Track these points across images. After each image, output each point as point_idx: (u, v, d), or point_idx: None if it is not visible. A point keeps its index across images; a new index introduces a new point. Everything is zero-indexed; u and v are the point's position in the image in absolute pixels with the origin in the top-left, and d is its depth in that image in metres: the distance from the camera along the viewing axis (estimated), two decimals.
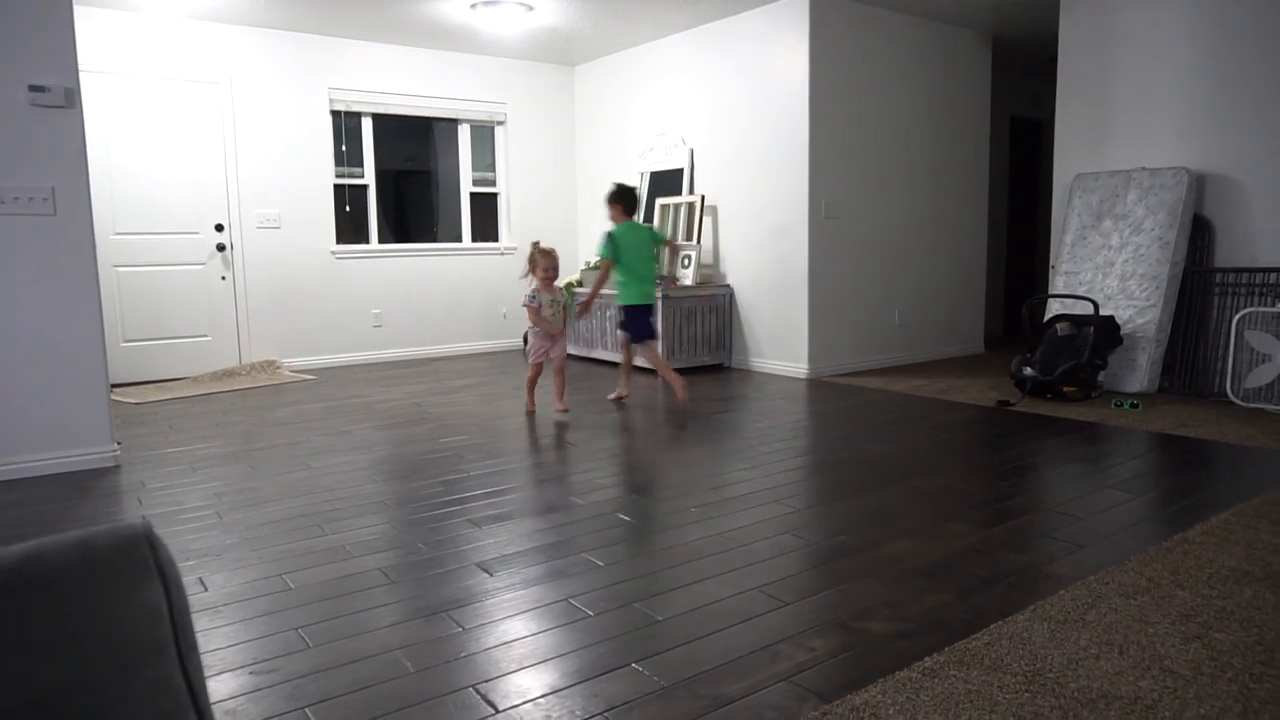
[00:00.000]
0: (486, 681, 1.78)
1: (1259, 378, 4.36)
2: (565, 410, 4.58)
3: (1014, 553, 2.46)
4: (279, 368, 6.20)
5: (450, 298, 7.09)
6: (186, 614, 0.79)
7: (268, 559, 2.51)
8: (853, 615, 2.06)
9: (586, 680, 1.78)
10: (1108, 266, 5.01)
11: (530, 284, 4.60)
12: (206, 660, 1.88)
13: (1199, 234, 4.82)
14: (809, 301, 5.56)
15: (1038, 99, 7.75)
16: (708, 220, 6.24)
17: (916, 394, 4.97)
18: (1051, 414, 4.36)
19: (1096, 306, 4.81)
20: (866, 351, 5.92)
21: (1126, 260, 4.94)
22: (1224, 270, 4.70)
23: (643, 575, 2.34)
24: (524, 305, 4.56)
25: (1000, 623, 1.99)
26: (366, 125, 6.62)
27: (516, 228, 7.39)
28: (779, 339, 5.79)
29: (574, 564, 2.43)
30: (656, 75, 6.62)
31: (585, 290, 6.56)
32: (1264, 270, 4.53)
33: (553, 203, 7.58)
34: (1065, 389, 4.60)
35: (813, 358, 5.62)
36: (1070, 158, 5.44)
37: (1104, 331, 4.65)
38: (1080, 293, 5.05)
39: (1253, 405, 4.36)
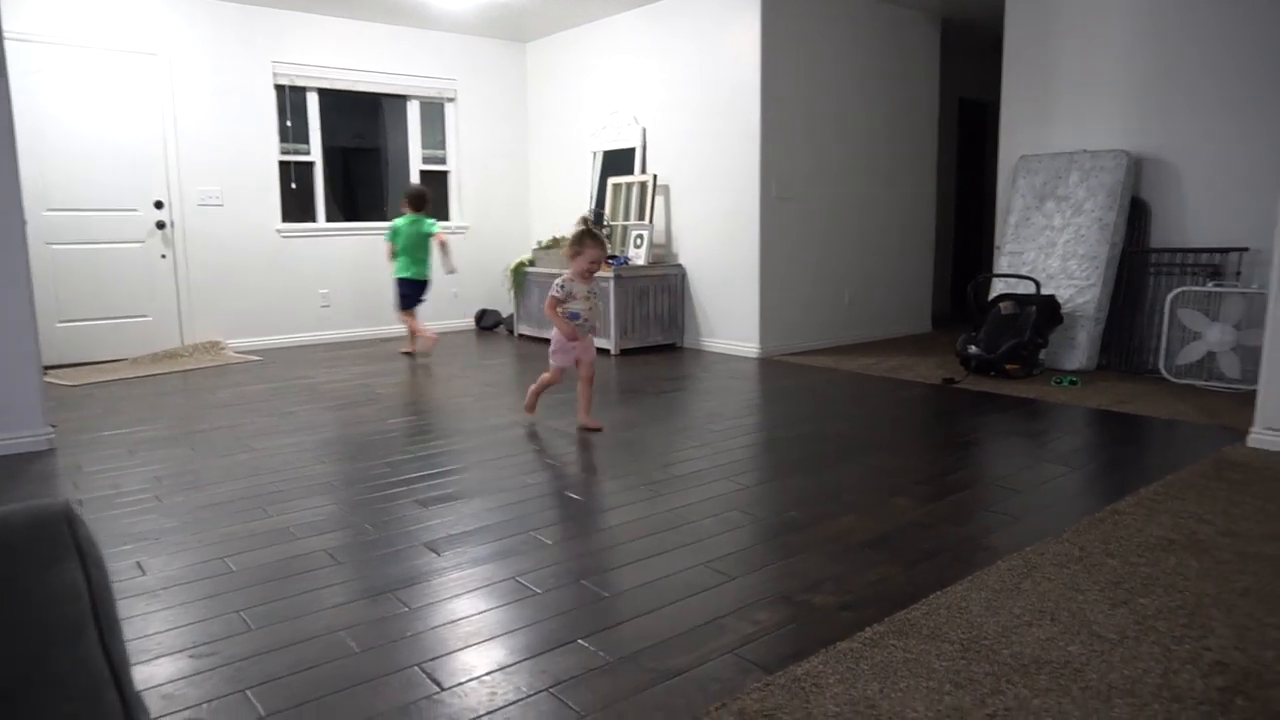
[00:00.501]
0: (432, 660, 1.78)
1: (1189, 355, 4.50)
2: (597, 428, 3.74)
3: (955, 526, 2.52)
4: (223, 349, 6.07)
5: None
6: (108, 592, 0.77)
7: (209, 542, 2.46)
8: (798, 589, 2.10)
9: (533, 657, 1.79)
10: (1050, 247, 5.13)
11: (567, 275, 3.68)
12: (143, 645, 1.85)
13: (1136, 215, 4.95)
14: (760, 281, 5.60)
15: (985, 81, 7.85)
16: (660, 200, 6.23)
17: (866, 373, 5.04)
18: (995, 391, 4.46)
19: (1038, 286, 4.92)
20: (817, 331, 5.98)
21: (1068, 241, 5.05)
22: (1159, 251, 4.84)
23: (591, 553, 2.35)
24: (550, 296, 3.62)
25: (939, 593, 2.04)
26: (312, 100, 6.47)
27: (468, 207, 7.30)
28: (731, 319, 5.82)
29: (522, 542, 2.43)
30: (609, 53, 6.58)
31: (537, 270, 6.52)
32: (1195, 250, 4.67)
33: (504, 181, 7.51)
34: (1008, 367, 4.71)
35: (764, 337, 5.66)
36: (1015, 140, 5.53)
37: (1045, 310, 4.76)
38: (1024, 272, 5.16)
39: (1184, 381, 4.50)
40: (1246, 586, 2.07)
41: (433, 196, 6.19)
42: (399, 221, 5.88)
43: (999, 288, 5.33)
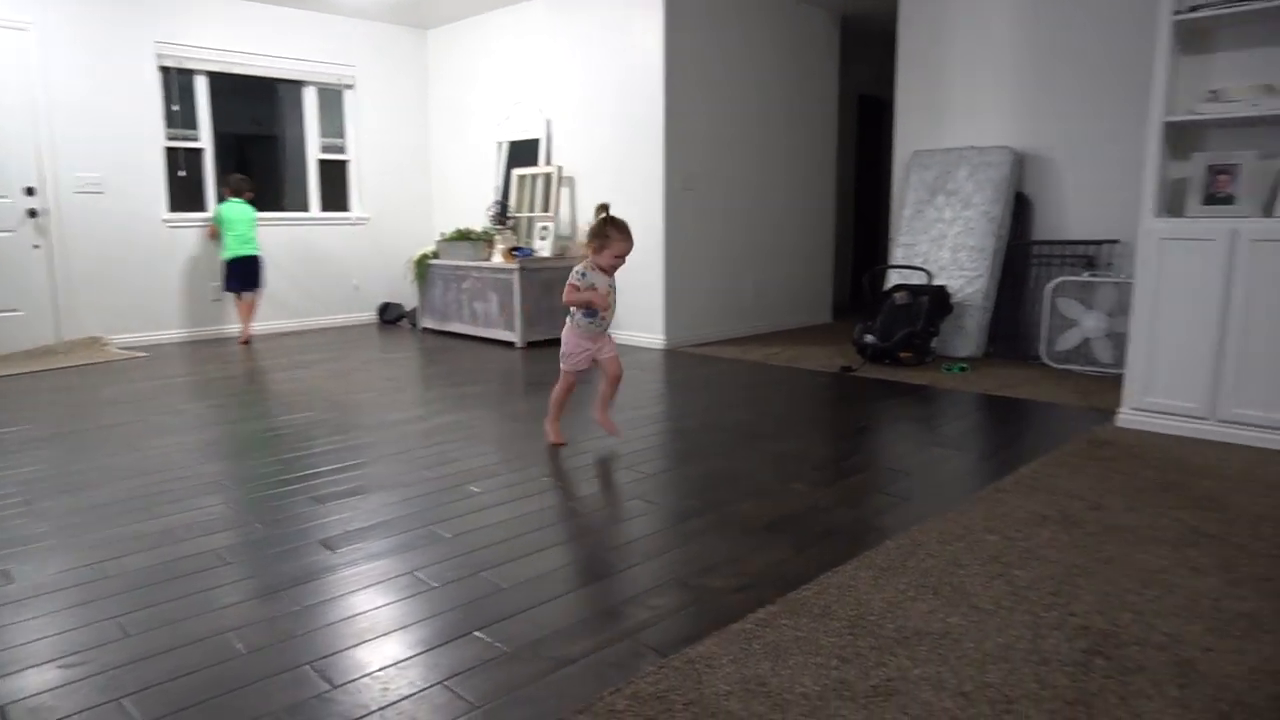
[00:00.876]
0: (324, 658, 1.74)
1: (1067, 341, 4.76)
2: (612, 432, 3.40)
3: (848, 508, 2.61)
4: (105, 345, 5.77)
5: (298, 270, 6.77)
6: None
7: (85, 546, 2.34)
8: (694, 573, 2.13)
9: (428, 650, 1.77)
10: (941, 239, 5.33)
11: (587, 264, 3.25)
12: (7, 658, 1.75)
13: (1020, 209, 5.19)
14: (665, 273, 5.64)
15: (883, 79, 8.09)
16: (565, 191, 6.21)
17: (768, 362, 5.15)
18: (889, 378, 4.61)
19: (930, 276, 5.11)
20: (722, 322, 6.07)
21: (958, 233, 5.26)
22: (1040, 243, 5.09)
23: (490, 545, 2.33)
24: (570, 284, 3.20)
25: (830, 573, 2.11)
26: (201, 84, 6.20)
27: (369, 197, 7.13)
28: (636, 310, 5.85)
29: (420, 537, 2.39)
30: (513, 42, 6.51)
31: (441, 261, 6.41)
32: (1072, 243, 4.93)
33: (407, 171, 7.35)
34: (902, 355, 4.88)
35: (669, 329, 5.72)
36: (908, 135, 5.72)
37: (937, 300, 4.96)
38: (917, 264, 5.35)
39: (1063, 366, 4.76)
40: (1110, 556, 2.20)
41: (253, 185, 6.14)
42: (223, 206, 6.00)
43: (894, 279, 5.51)
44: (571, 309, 3.26)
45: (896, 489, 2.79)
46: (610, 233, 3.21)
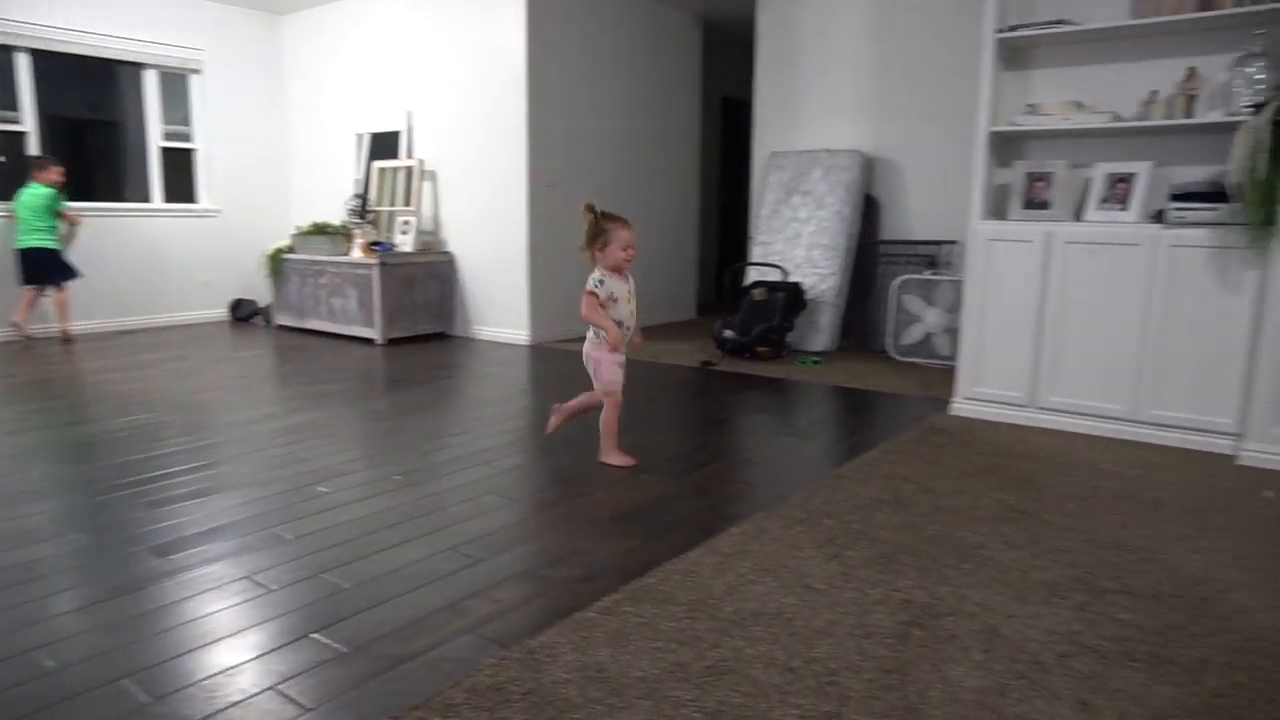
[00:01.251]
0: (145, 670, 1.66)
1: (911, 335, 5.04)
2: (553, 428, 3.22)
3: (697, 497, 2.68)
4: None
5: (139, 264, 6.36)
6: None
7: None
8: (542, 565, 2.15)
9: (260, 656, 1.71)
10: (796, 238, 5.54)
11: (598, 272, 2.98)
12: None
13: (869, 210, 5.46)
14: (529, 269, 5.63)
15: (744, 82, 8.33)
16: (427, 186, 6.09)
17: (631, 357, 5.20)
18: (747, 372, 4.76)
19: (786, 274, 5.30)
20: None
21: (812, 232, 5.48)
22: (887, 242, 5.37)
23: (333, 545, 2.27)
24: (590, 294, 2.92)
25: (675, 560, 2.16)
26: (23, 62, 5.73)
27: (219, 188, 6.77)
28: (502, 306, 5.81)
29: (260, 540, 2.31)
30: (372, 32, 6.32)
31: (297, 256, 6.17)
32: (916, 243, 5.23)
33: (260, 162, 7.03)
34: (759, 349, 5.05)
35: (535, 325, 5.71)
36: (766, 137, 5.92)
37: (792, 297, 5.15)
38: (774, 261, 5.54)
39: (907, 359, 5.04)
40: (935, 534, 2.36)
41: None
42: (21, 192, 5.55)
43: (754, 275, 5.69)
44: (600, 314, 2.90)
45: (745, 478, 2.89)
46: (607, 225, 2.93)
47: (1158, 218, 3.33)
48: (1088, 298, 3.42)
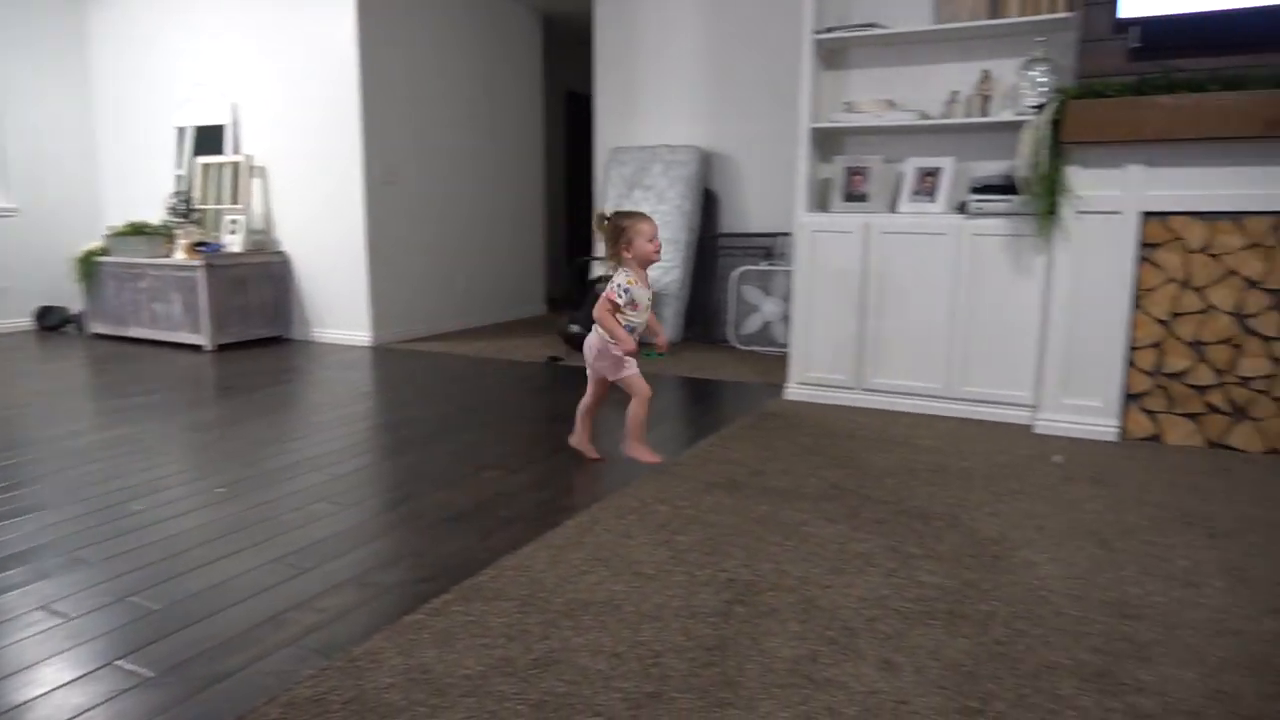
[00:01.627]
0: None
1: (751, 325, 5.23)
2: (599, 458, 3.03)
3: (536, 492, 2.69)
4: None
5: None
6: None
7: None
8: (371, 570, 2.10)
9: (54, 690, 1.59)
10: None
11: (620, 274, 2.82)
12: None
13: (708, 204, 5.61)
14: (369, 268, 5.46)
15: (587, 77, 8.37)
16: (256, 182, 5.80)
17: (477, 355, 5.16)
18: None
19: None
20: (433, 317, 5.99)
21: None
22: (726, 235, 5.54)
23: (144, 566, 2.14)
24: (609, 301, 2.80)
25: (510, 556, 2.17)
26: None
27: (17, 185, 6.19)
28: (341, 308, 5.61)
29: (57, 565, 2.14)
30: (192, 17, 5.94)
31: (112, 259, 5.74)
32: (753, 235, 5.42)
33: (67, 157, 6.47)
34: None
35: (377, 325, 5.54)
36: (608, 132, 5.97)
37: None
38: None
39: (748, 348, 5.22)
40: (762, 515, 2.47)
41: None
42: None
43: (600, 270, 5.74)
44: (616, 320, 2.80)
45: (585, 470, 2.93)
46: (627, 223, 2.78)
47: (961, 209, 3.60)
48: (903, 285, 3.65)
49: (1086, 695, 1.57)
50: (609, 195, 5.79)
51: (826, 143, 4.06)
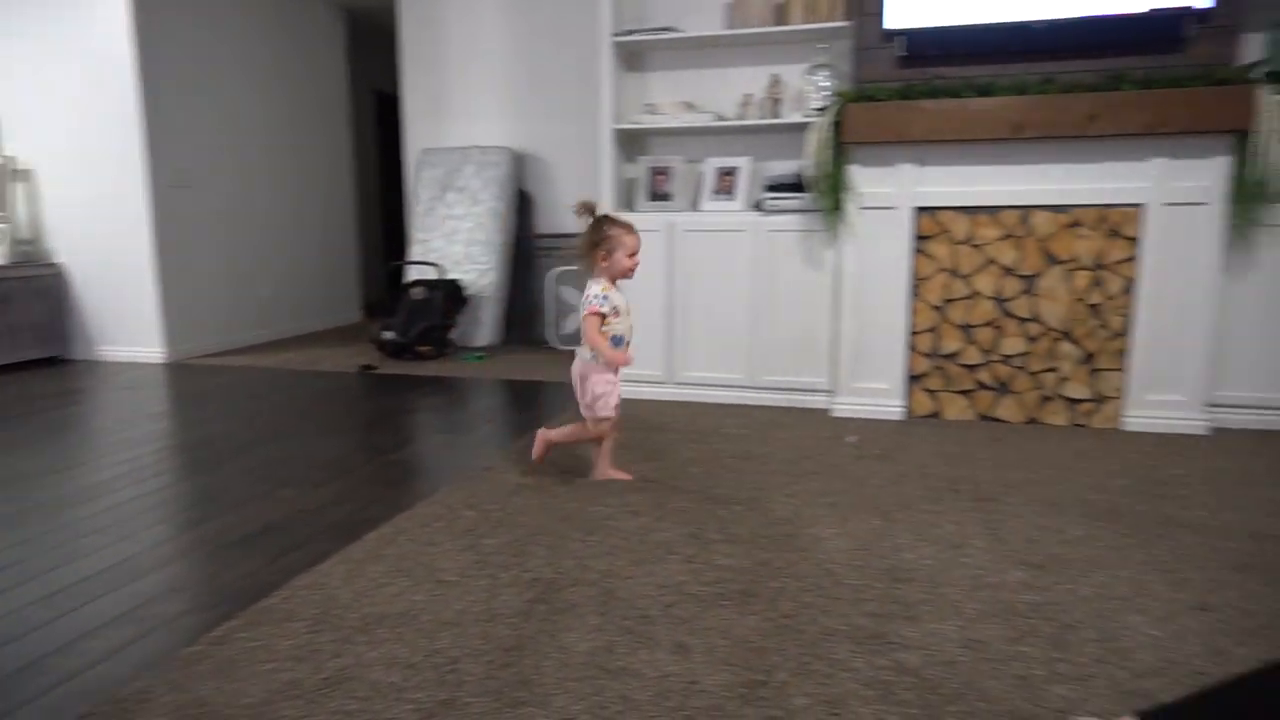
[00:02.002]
0: None
1: (570, 325, 5.27)
2: (628, 478, 2.82)
3: (337, 506, 2.59)
4: None
5: None
6: None
7: None
8: (148, 603, 1.96)
9: None
10: (454, 235, 5.54)
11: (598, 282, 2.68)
12: None
13: (523, 205, 5.60)
14: (159, 278, 5.07)
15: (396, 75, 8.14)
16: (21, 187, 5.25)
17: (284, 367, 4.91)
18: (410, 373, 4.68)
19: (443, 271, 5.29)
20: (236, 329, 5.64)
21: (469, 229, 5.51)
22: (542, 236, 5.55)
23: None
24: (590, 314, 2.63)
25: (303, 575, 2.07)
26: None
27: None
28: (128, 322, 5.18)
29: None
30: None
31: None
32: (570, 235, 5.45)
33: None
34: (421, 349, 4.99)
35: (171, 340, 5.16)
36: (417, 133, 5.84)
37: (452, 294, 5.15)
38: (433, 259, 5.50)
39: (568, 348, 5.25)
40: (569, 512, 2.49)
41: None
42: None
43: (416, 274, 5.60)
44: (602, 333, 2.63)
45: (393, 480, 2.85)
46: (614, 231, 2.63)
47: (758, 207, 3.77)
48: (708, 280, 3.79)
49: (860, 657, 1.69)
50: (421, 197, 5.66)
51: (631, 143, 4.14)
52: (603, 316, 2.63)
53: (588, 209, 2.70)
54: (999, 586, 2.00)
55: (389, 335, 5.00)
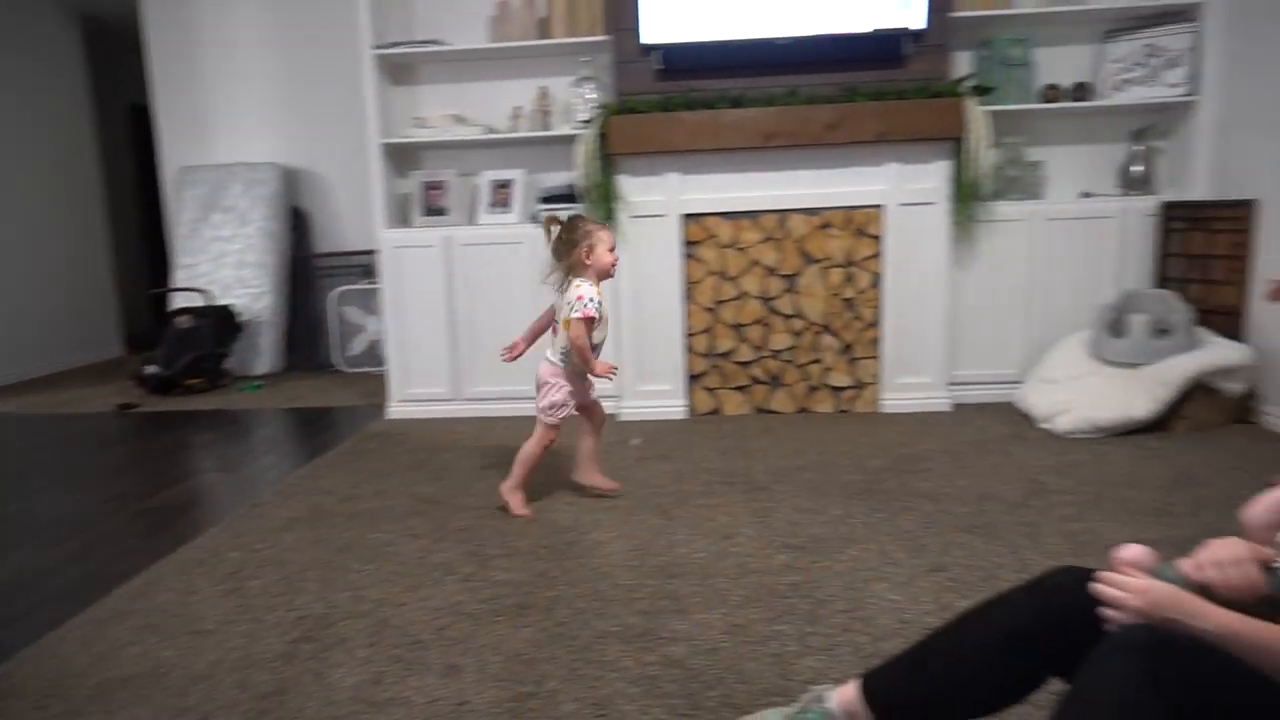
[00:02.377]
0: None
1: (357, 346, 5.07)
2: (615, 488, 2.74)
3: (82, 562, 2.36)
4: None
5: None
6: None
7: None
8: None
9: None
10: (222, 257, 5.18)
11: (584, 285, 2.50)
12: None
13: (299, 223, 5.33)
14: None
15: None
16: None
17: (26, 413, 4.40)
18: (178, 409, 4.33)
19: (209, 297, 4.94)
20: None
21: (239, 250, 5.17)
22: (321, 255, 5.31)
23: None
24: (582, 318, 2.49)
25: (30, 647, 1.87)
26: None
27: None
28: None
29: None
30: None
31: None
32: (350, 253, 5.25)
33: None
34: (190, 381, 4.63)
35: None
36: (175, 150, 5.41)
37: (222, 321, 4.82)
38: (200, 284, 5.11)
39: (356, 370, 5.05)
40: (346, 543, 2.40)
41: None
42: None
43: (182, 301, 5.19)
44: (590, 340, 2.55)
45: (146, 530, 2.63)
46: (590, 228, 2.51)
47: (534, 219, 3.79)
48: (488, 294, 3.77)
49: (629, 656, 1.74)
50: (182, 219, 5.26)
51: (403, 157, 4.05)
52: (595, 321, 2.54)
53: (554, 220, 2.56)
54: (764, 571, 2.12)
55: (151, 369, 4.60)
